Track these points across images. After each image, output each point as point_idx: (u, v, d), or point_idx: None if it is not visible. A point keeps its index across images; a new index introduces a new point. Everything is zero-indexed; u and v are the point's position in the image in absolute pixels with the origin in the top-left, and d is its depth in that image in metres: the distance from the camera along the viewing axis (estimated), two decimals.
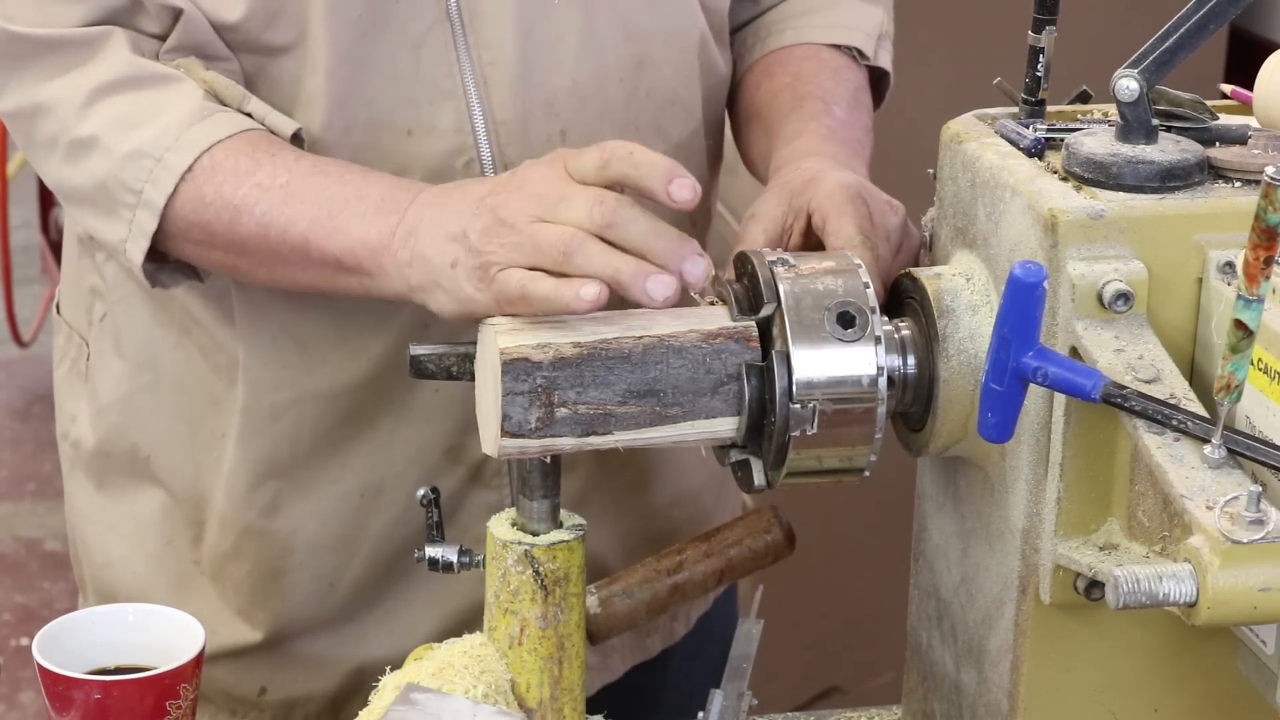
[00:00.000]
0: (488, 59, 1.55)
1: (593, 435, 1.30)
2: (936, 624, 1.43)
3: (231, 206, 1.47)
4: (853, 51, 1.73)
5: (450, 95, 1.55)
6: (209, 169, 1.48)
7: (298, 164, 1.48)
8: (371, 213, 1.43)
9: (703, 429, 1.31)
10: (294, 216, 1.46)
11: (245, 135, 1.49)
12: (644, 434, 1.31)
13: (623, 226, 1.30)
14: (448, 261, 1.37)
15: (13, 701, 3.74)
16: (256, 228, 1.47)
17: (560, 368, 1.29)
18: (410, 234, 1.40)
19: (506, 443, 1.29)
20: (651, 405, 1.30)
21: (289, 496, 1.63)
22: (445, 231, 1.38)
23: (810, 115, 1.64)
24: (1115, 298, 1.22)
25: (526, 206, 1.34)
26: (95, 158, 1.50)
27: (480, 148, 1.55)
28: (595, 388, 1.29)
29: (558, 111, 1.58)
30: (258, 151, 1.48)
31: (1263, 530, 1.08)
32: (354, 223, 1.44)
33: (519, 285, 1.31)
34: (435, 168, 1.54)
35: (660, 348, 1.30)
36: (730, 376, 1.31)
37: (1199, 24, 1.27)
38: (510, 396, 1.28)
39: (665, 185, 1.30)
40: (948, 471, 1.40)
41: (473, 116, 1.55)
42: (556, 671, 1.38)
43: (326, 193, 1.46)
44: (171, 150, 1.48)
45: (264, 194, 1.47)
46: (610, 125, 1.59)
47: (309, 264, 1.47)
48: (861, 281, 1.32)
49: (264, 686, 1.69)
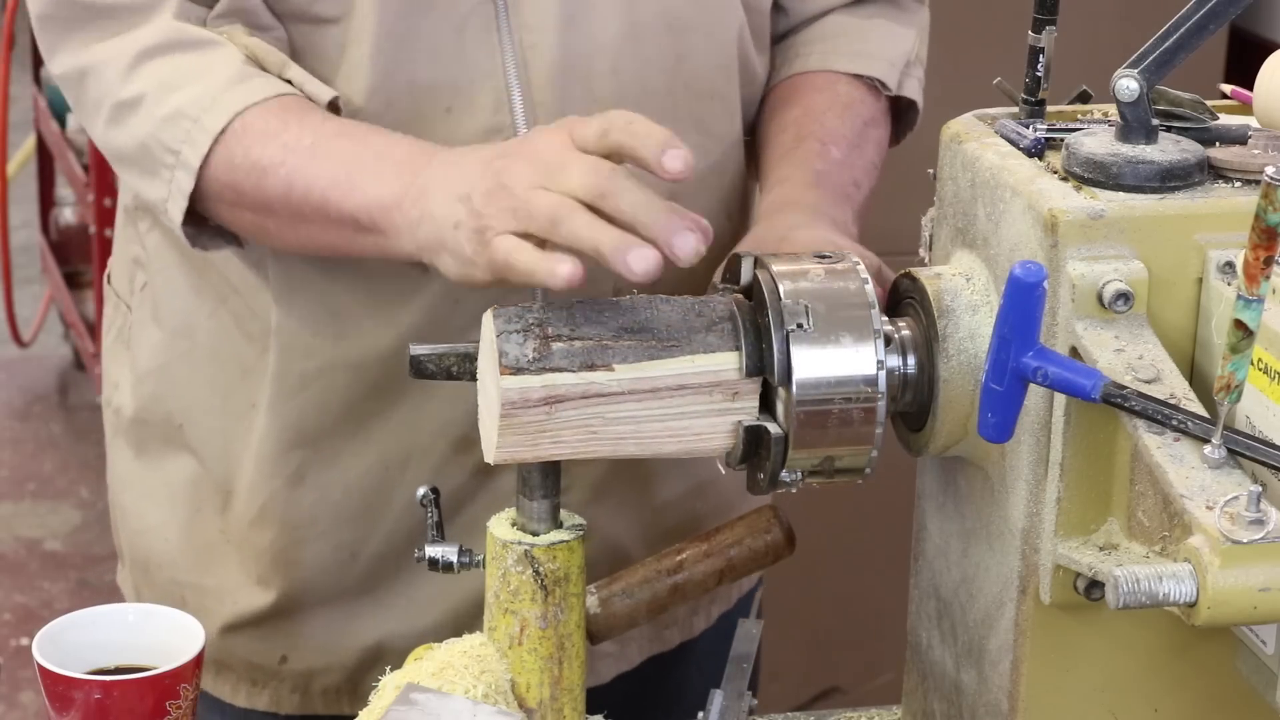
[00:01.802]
0: (529, 42, 1.58)
1: (593, 369, 1.29)
2: (936, 624, 1.43)
3: (259, 168, 1.51)
4: (874, 82, 1.73)
5: (490, 75, 1.57)
6: (240, 131, 1.51)
7: (324, 126, 1.51)
8: (389, 173, 1.46)
9: (704, 365, 1.31)
10: (316, 176, 1.49)
11: (279, 100, 1.52)
12: (646, 369, 1.30)
13: (615, 196, 1.31)
14: (452, 222, 1.39)
15: (13, 701, 3.74)
16: (281, 187, 1.50)
17: (551, 310, 1.31)
18: (422, 193, 1.43)
19: (507, 381, 1.28)
20: (647, 340, 1.30)
21: (314, 466, 1.66)
22: (453, 192, 1.40)
23: (802, 159, 1.65)
24: (1115, 298, 1.22)
25: (527, 172, 1.35)
26: (138, 119, 1.54)
27: (518, 128, 1.58)
28: (588, 324, 1.31)
29: (597, 96, 1.60)
30: (287, 114, 1.51)
31: (1263, 530, 1.08)
32: (371, 182, 1.47)
33: (505, 253, 1.34)
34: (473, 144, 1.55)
35: (647, 299, 1.33)
36: (721, 318, 1.32)
37: (1199, 24, 1.27)
38: (505, 335, 1.29)
39: (659, 154, 1.31)
40: (948, 471, 1.40)
41: (511, 97, 1.58)
42: (556, 671, 1.38)
43: (348, 153, 1.49)
44: (208, 112, 1.51)
45: (289, 154, 1.50)
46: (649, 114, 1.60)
47: (329, 223, 1.50)
48: (867, 297, 1.32)
49: (284, 655, 1.71)
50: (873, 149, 1.71)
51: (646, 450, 1.33)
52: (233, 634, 1.71)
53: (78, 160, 4.55)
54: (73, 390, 5.01)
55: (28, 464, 4.65)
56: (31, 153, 5.19)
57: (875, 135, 1.72)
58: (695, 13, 1.64)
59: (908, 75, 1.75)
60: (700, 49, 1.64)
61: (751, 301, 1.34)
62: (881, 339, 1.30)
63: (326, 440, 1.65)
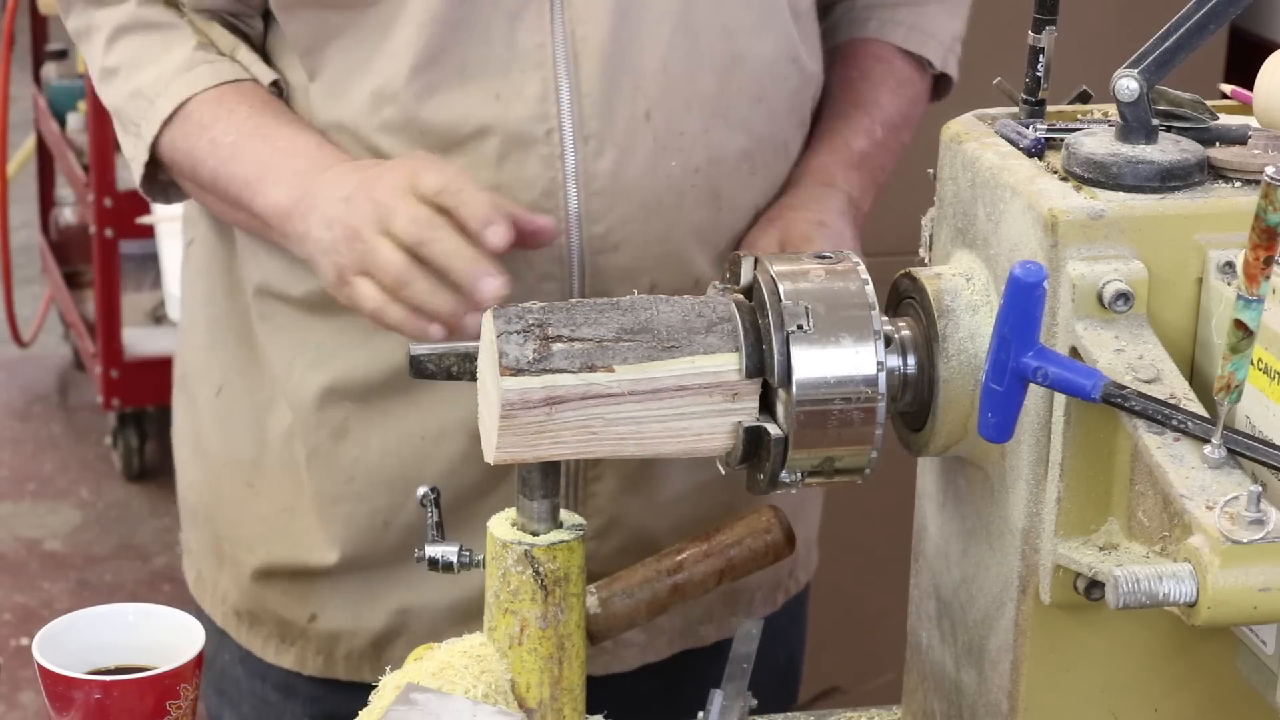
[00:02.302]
0: (581, 34, 1.60)
1: (594, 370, 1.29)
2: (936, 624, 1.43)
3: (193, 157, 1.65)
4: (925, 61, 1.80)
5: (540, 65, 1.60)
6: (183, 119, 1.65)
7: (245, 123, 1.63)
8: (286, 182, 1.59)
9: (704, 366, 1.31)
10: (233, 175, 1.63)
11: (218, 90, 1.65)
12: (646, 370, 1.30)
13: (429, 245, 1.47)
14: (321, 248, 1.54)
15: (13, 701, 3.74)
16: (209, 178, 1.65)
17: (552, 311, 1.31)
18: (309, 210, 1.56)
19: (507, 381, 1.29)
20: (647, 340, 1.31)
21: (359, 422, 1.69)
22: (325, 216, 1.54)
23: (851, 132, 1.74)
24: (1115, 298, 1.22)
25: (370, 214, 1.50)
26: (114, 88, 1.70)
27: (563, 118, 1.60)
28: (588, 325, 1.31)
29: (645, 92, 1.62)
30: (219, 107, 1.64)
31: (1263, 530, 1.08)
32: (271, 189, 1.60)
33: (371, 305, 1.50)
34: (516, 132, 1.60)
35: (648, 300, 1.33)
36: (722, 319, 1.32)
37: (1199, 24, 1.27)
38: (505, 336, 1.29)
39: (480, 228, 1.47)
40: (948, 471, 1.40)
41: (559, 87, 1.60)
42: (556, 671, 1.38)
43: (259, 156, 1.61)
44: (161, 96, 1.66)
45: (215, 149, 1.63)
46: (698, 115, 1.64)
47: (247, 217, 1.64)
48: (861, 280, 1.32)
49: (314, 613, 1.74)
50: (908, 131, 1.80)
51: (647, 450, 1.33)
52: (266, 583, 1.75)
53: (78, 160, 4.54)
54: (73, 390, 5.01)
55: (28, 464, 4.65)
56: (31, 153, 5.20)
57: (915, 115, 1.81)
58: (750, 16, 1.66)
59: (950, 53, 1.83)
60: (755, 53, 1.67)
61: (751, 302, 1.34)
62: (881, 339, 1.30)
63: (374, 398, 1.68)
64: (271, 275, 1.70)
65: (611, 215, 1.62)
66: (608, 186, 1.62)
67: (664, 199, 1.64)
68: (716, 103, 1.65)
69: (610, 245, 1.63)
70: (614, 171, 1.61)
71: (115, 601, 1.58)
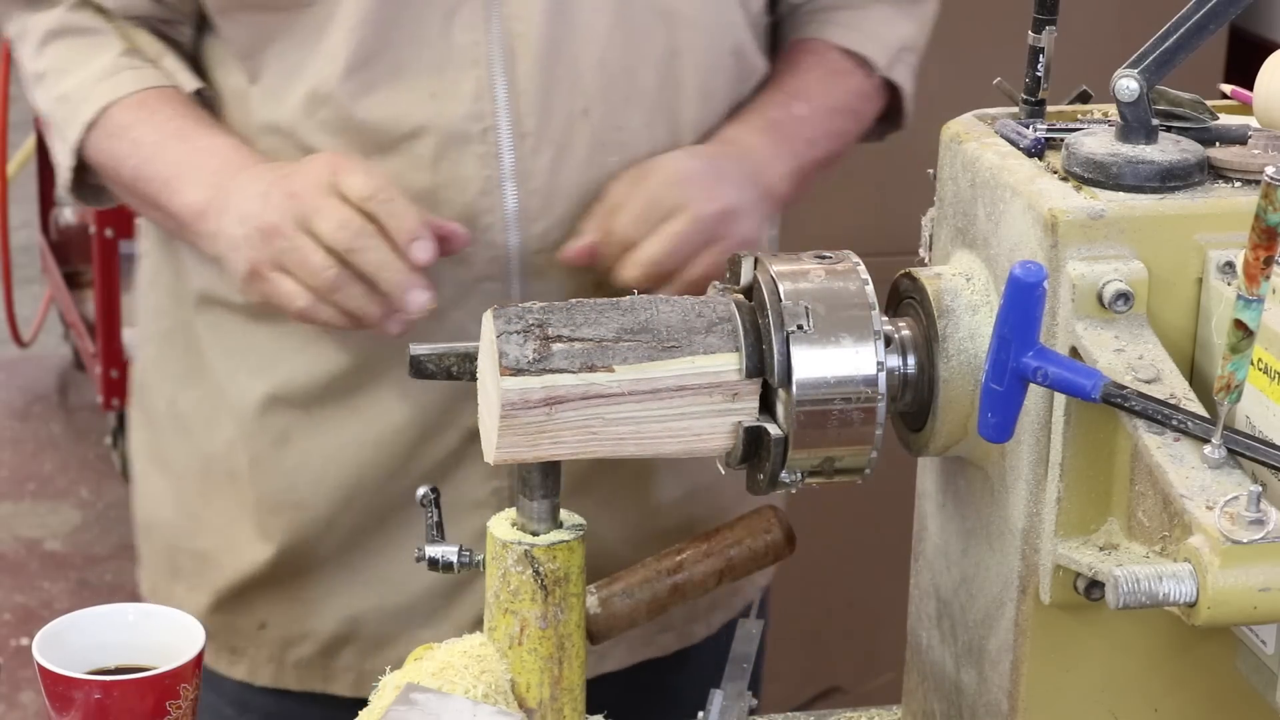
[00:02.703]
0: (517, 31, 1.59)
1: (594, 370, 1.29)
2: (936, 624, 1.43)
3: (115, 158, 1.67)
4: (865, 60, 1.75)
5: (475, 63, 1.59)
6: (105, 123, 1.66)
7: (166, 125, 1.64)
8: (203, 181, 1.60)
9: (704, 366, 1.31)
10: (152, 175, 1.64)
11: (141, 94, 1.66)
12: (646, 370, 1.30)
13: (359, 254, 1.47)
14: (233, 244, 1.54)
15: (13, 701, 3.74)
16: (131, 181, 1.66)
17: (551, 311, 1.31)
18: (223, 208, 1.56)
19: (507, 382, 1.28)
20: (647, 340, 1.30)
21: (300, 429, 1.68)
22: (239, 212, 1.54)
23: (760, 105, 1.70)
24: (1115, 298, 1.22)
25: (288, 211, 1.50)
26: (43, 92, 1.71)
27: (499, 116, 1.59)
28: (588, 325, 1.31)
29: (582, 88, 1.61)
30: (142, 110, 1.65)
31: (1263, 530, 1.08)
32: (187, 188, 1.61)
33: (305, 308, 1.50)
34: (452, 131, 1.59)
35: (647, 300, 1.33)
36: (722, 319, 1.32)
37: (1199, 24, 1.27)
38: (505, 336, 1.29)
39: (407, 242, 1.47)
40: (948, 471, 1.40)
41: (494, 85, 1.59)
42: (556, 671, 1.38)
43: (177, 156, 1.63)
44: (84, 102, 1.67)
45: (135, 150, 1.64)
46: (638, 110, 1.62)
47: (165, 217, 1.65)
48: (861, 280, 1.32)
49: (264, 621, 1.74)
50: (849, 120, 1.75)
51: (647, 450, 1.33)
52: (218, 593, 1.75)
53: None
54: (73, 390, 5.01)
55: (28, 464, 4.65)
56: (31, 153, 5.19)
57: (856, 107, 1.76)
58: (691, 9, 1.64)
59: (899, 60, 1.78)
60: (696, 45, 1.64)
61: (751, 302, 1.34)
62: (881, 339, 1.30)
63: (315, 406, 1.67)
64: (213, 282, 1.69)
65: (550, 214, 1.61)
66: (546, 185, 1.60)
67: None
68: (656, 98, 1.63)
69: (550, 244, 1.61)
70: (552, 169, 1.60)
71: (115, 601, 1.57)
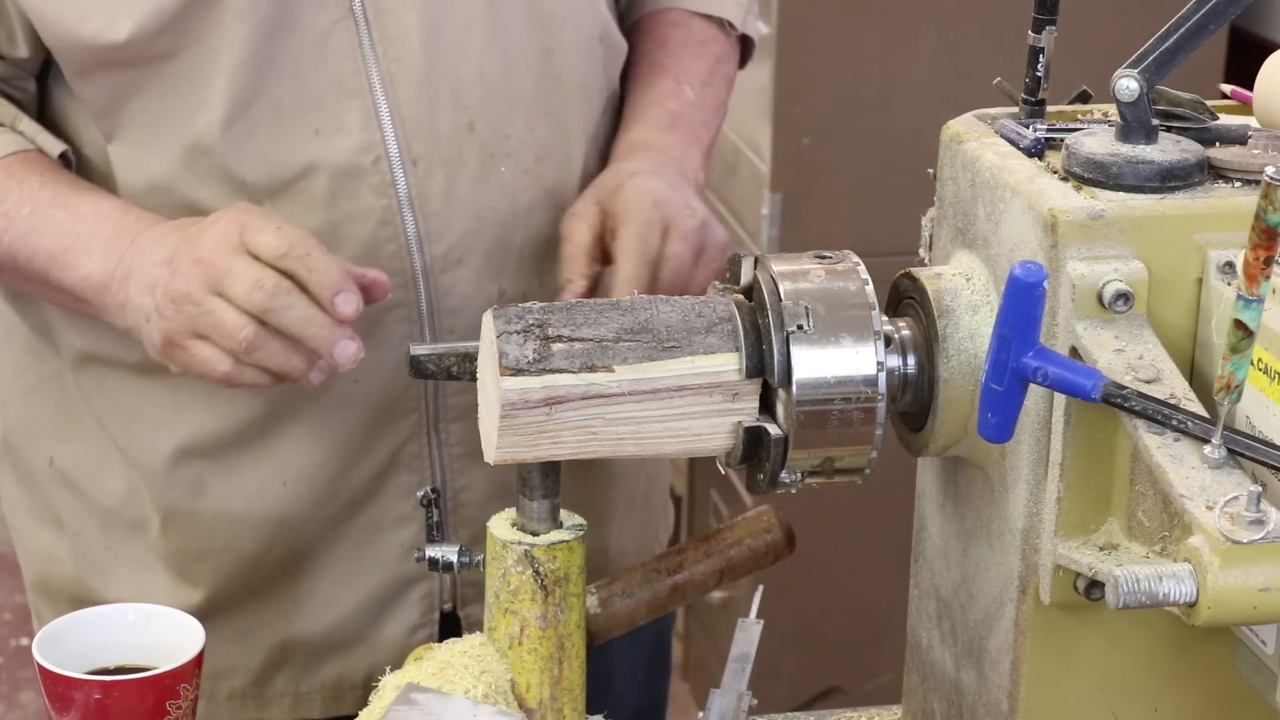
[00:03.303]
0: (392, 54, 1.57)
1: (594, 370, 1.29)
2: (936, 624, 1.43)
3: None
4: (723, 22, 1.78)
5: (356, 93, 1.56)
6: None
7: (40, 193, 1.55)
8: (98, 251, 1.51)
9: (704, 366, 1.31)
10: (35, 249, 1.54)
11: (4, 161, 1.56)
12: (646, 370, 1.30)
13: (279, 313, 1.41)
14: (144, 315, 1.47)
15: (13, 701, 3.74)
16: (7, 254, 1.56)
17: (551, 311, 1.31)
18: (125, 278, 1.49)
19: (507, 382, 1.28)
20: (647, 340, 1.30)
21: (215, 477, 1.65)
22: (145, 282, 1.47)
23: (658, 98, 1.71)
24: (1115, 298, 1.22)
25: (198, 276, 1.43)
26: None
27: (388, 144, 1.58)
28: (588, 325, 1.31)
29: (465, 103, 1.60)
30: (9, 179, 1.56)
31: (1263, 530, 1.08)
32: (82, 260, 1.52)
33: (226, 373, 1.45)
34: (344, 165, 1.57)
35: (648, 300, 1.33)
36: (722, 319, 1.32)
37: (1199, 24, 1.27)
38: (505, 336, 1.29)
39: (330, 297, 1.41)
40: (948, 471, 1.40)
41: (379, 113, 1.57)
42: (556, 671, 1.38)
43: (63, 227, 1.54)
44: None
45: (10, 224, 1.55)
46: (520, 114, 1.62)
47: (55, 292, 1.57)
48: (861, 280, 1.32)
49: None
50: (723, 87, 1.77)
51: (647, 450, 1.33)
52: None
53: None
54: None
55: None
56: None
57: (725, 72, 1.78)
58: (559, 5, 1.64)
59: (750, 13, 1.81)
60: (568, 42, 1.65)
61: (751, 302, 1.34)
62: (881, 340, 1.30)
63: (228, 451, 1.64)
64: (96, 344, 1.64)
65: (450, 233, 1.60)
66: (443, 206, 1.59)
67: (499, 206, 1.62)
68: (535, 98, 1.63)
69: (453, 262, 1.61)
70: (446, 189, 1.59)
71: None
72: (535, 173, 1.64)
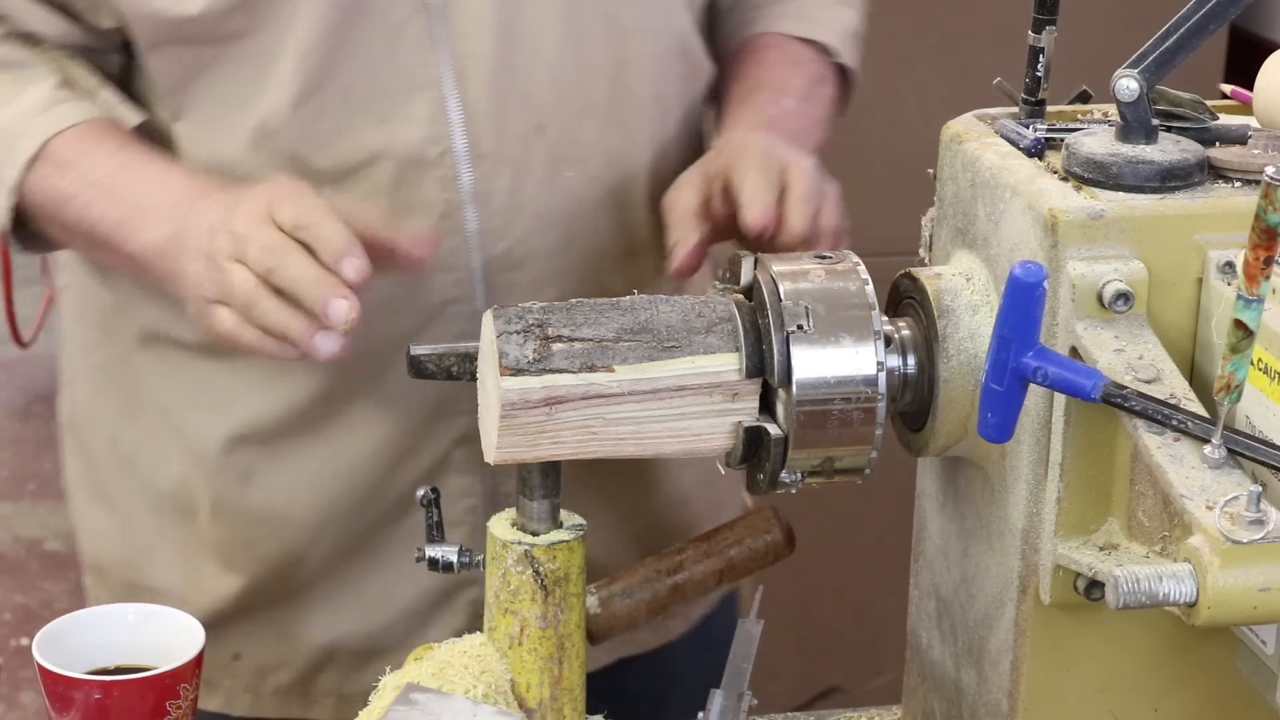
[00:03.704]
0: (464, 50, 1.57)
1: (594, 370, 1.29)
2: (936, 624, 1.43)
3: (61, 198, 1.58)
4: (821, 46, 1.76)
5: (426, 85, 1.57)
6: (48, 158, 1.58)
7: (112, 159, 1.57)
8: (159, 219, 1.53)
9: (704, 366, 1.31)
10: (102, 214, 1.57)
11: (82, 128, 1.59)
12: (646, 370, 1.30)
13: (279, 271, 1.42)
14: (190, 283, 1.49)
15: (13, 701, 3.74)
16: (77, 220, 1.58)
17: (552, 311, 1.31)
18: (180, 247, 1.50)
19: (507, 382, 1.28)
20: (647, 340, 1.30)
21: (266, 465, 1.66)
22: (193, 249, 1.48)
23: (756, 105, 1.68)
24: (1115, 298, 1.22)
25: (225, 245, 1.45)
26: None
27: (454, 138, 1.58)
28: (588, 325, 1.30)
29: (536, 105, 1.59)
30: (84, 143, 1.58)
31: (1263, 530, 1.08)
32: (144, 227, 1.54)
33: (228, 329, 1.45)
34: (409, 155, 1.57)
35: (648, 300, 1.33)
36: (722, 319, 1.32)
37: (1199, 24, 1.27)
38: (505, 336, 1.29)
39: (335, 263, 1.42)
40: (948, 471, 1.40)
41: (447, 107, 1.57)
42: (556, 671, 1.38)
43: (128, 193, 1.56)
44: (21, 136, 1.59)
45: (82, 189, 1.57)
46: (593, 122, 1.61)
47: (119, 259, 1.59)
48: (861, 280, 1.32)
49: (238, 653, 1.72)
50: (823, 105, 1.75)
51: (647, 450, 1.33)
52: None
53: None
54: None
55: (28, 464, 4.65)
56: None
57: (825, 92, 1.76)
58: (638, 17, 1.63)
59: (847, 45, 1.79)
60: (645, 54, 1.64)
61: (751, 302, 1.34)
62: (881, 339, 1.30)
63: (280, 440, 1.65)
64: (160, 321, 1.66)
65: (512, 233, 1.60)
66: (506, 205, 1.59)
67: (563, 210, 1.62)
68: (607, 107, 1.62)
69: (513, 263, 1.61)
70: (511, 189, 1.59)
71: None
72: (602, 180, 1.63)
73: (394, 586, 1.68)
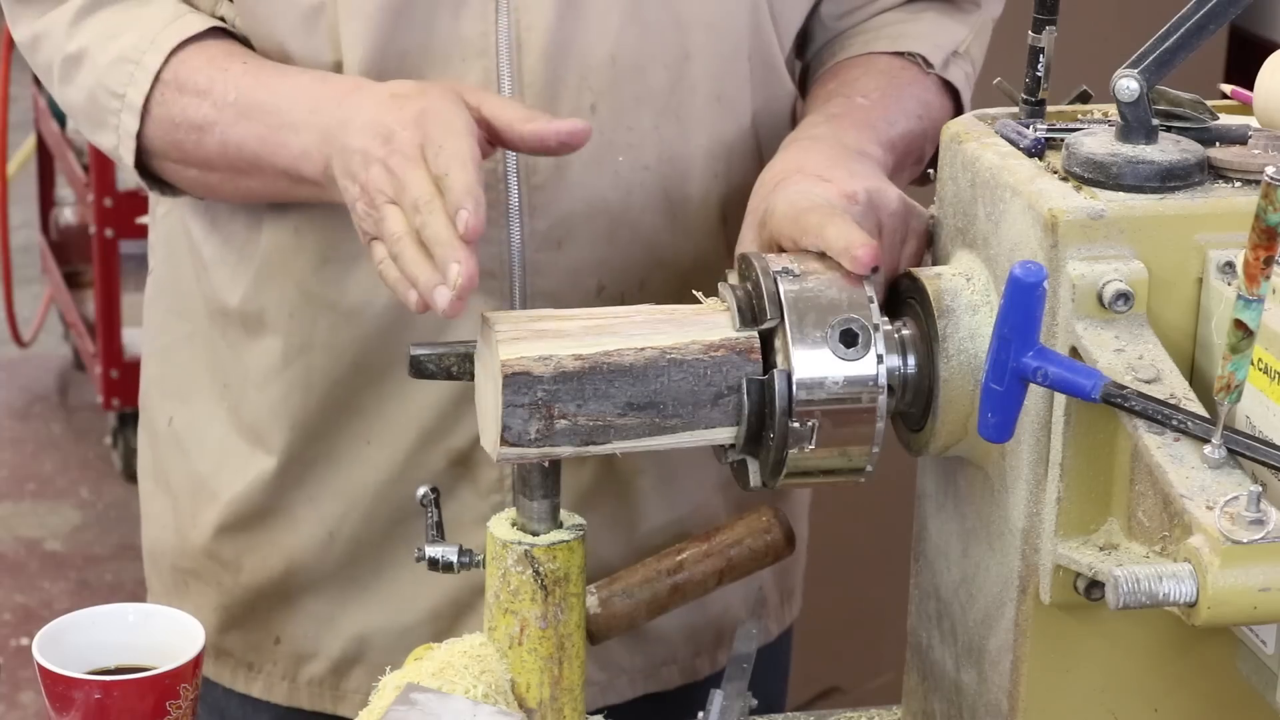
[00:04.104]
0: (525, 21, 1.57)
1: (591, 445, 1.31)
2: (936, 624, 1.43)
3: (196, 127, 1.57)
4: (915, 59, 1.70)
5: (482, 54, 1.56)
6: (174, 81, 1.58)
7: (243, 78, 1.57)
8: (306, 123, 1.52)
9: (701, 438, 1.32)
10: (245, 134, 1.56)
11: (206, 47, 1.59)
12: (645, 443, 1.32)
13: (425, 229, 1.40)
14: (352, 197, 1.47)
15: (13, 701, 3.74)
16: (218, 146, 1.57)
17: (561, 381, 1.30)
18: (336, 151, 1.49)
19: (505, 450, 1.30)
20: (651, 417, 1.31)
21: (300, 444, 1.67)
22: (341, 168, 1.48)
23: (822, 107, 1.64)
24: (1115, 298, 1.22)
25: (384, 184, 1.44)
26: (84, 71, 1.61)
27: None
28: (596, 400, 1.30)
29: (590, 85, 1.58)
30: (213, 68, 1.58)
31: (1263, 530, 1.08)
32: (292, 136, 1.53)
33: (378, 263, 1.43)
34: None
35: (661, 360, 1.31)
36: (730, 389, 1.31)
37: (1199, 24, 1.27)
38: (511, 409, 1.29)
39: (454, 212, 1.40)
40: (948, 471, 1.40)
41: (500, 77, 1.57)
42: (556, 671, 1.38)
43: (267, 106, 1.55)
44: (147, 52, 1.58)
45: (220, 113, 1.57)
46: (648, 110, 1.59)
47: (267, 177, 1.57)
48: (866, 295, 1.31)
49: (278, 636, 1.72)
50: (913, 102, 1.67)
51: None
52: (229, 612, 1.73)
53: (78, 160, 4.54)
54: (73, 390, 5.01)
55: (28, 464, 4.65)
56: (31, 153, 5.20)
57: (915, 93, 1.68)
58: (704, 12, 1.61)
59: (953, 63, 1.72)
60: (709, 49, 1.62)
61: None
62: (882, 339, 1.30)
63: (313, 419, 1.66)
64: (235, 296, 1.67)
65: (553, 210, 1.58)
66: (549, 180, 1.58)
67: (609, 196, 1.60)
68: (668, 99, 1.61)
69: (553, 242, 1.59)
70: (557, 165, 1.57)
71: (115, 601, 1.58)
72: (654, 171, 1.61)
73: (425, 583, 1.67)
